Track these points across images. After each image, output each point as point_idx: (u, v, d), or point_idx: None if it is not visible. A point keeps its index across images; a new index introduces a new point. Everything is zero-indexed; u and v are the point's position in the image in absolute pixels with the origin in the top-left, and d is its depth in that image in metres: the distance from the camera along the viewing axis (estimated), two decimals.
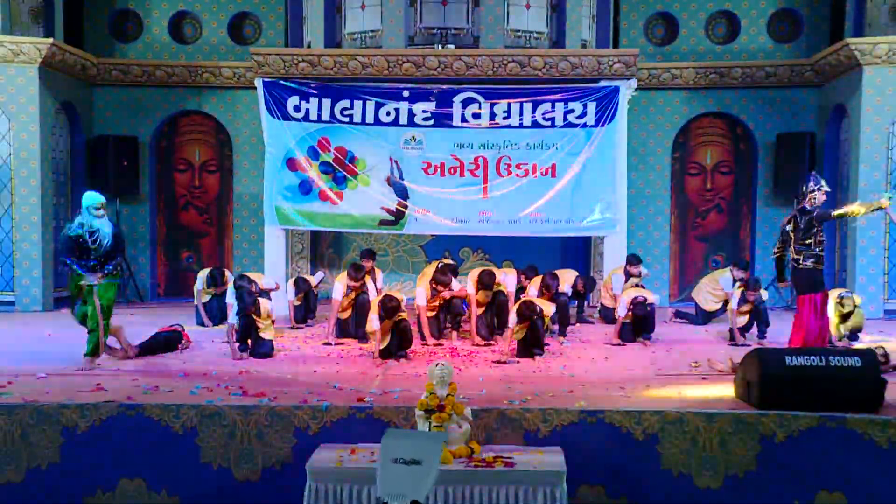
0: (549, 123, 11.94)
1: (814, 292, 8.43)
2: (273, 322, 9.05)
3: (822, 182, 8.56)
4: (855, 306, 9.61)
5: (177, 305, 13.22)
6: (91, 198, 8.11)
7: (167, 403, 6.43)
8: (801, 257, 8.41)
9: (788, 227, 8.55)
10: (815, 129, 13.55)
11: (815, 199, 8.46)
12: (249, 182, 14.02)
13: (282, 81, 12.02)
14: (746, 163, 14.11)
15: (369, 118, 11.97)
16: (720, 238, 14.24)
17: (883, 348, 8.41)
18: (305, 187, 12.05)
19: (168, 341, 9.13)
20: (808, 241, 8.35)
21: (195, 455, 6.32)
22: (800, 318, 8.46)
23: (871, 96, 12.17)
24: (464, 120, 11.98)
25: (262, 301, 8.97)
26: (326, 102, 11.98)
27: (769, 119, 13.76)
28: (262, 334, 8.83)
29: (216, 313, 10.87)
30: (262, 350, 8.77)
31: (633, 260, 11.41)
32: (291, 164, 12.04)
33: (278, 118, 12.00)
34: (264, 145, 12.17)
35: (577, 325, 11.25)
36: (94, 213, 8.01)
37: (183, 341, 9.28)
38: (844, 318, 9.63)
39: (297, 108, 12.01)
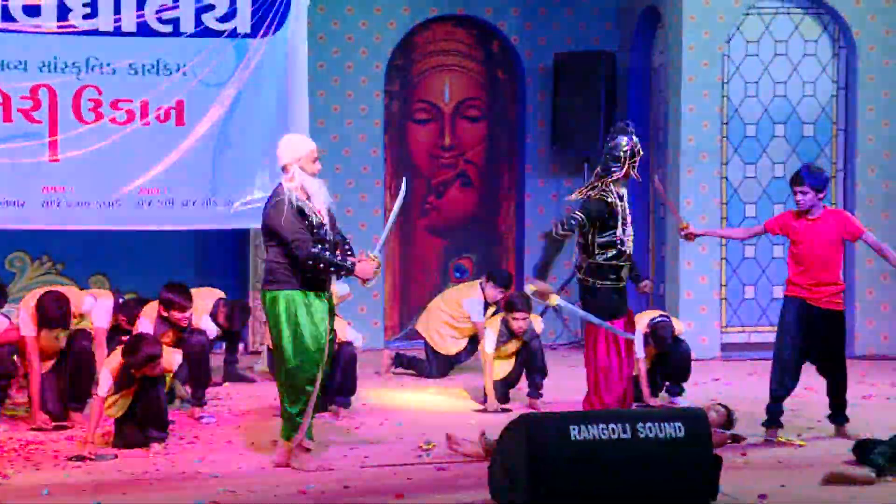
0: (169, 29, 11.98)
1: (615, 317, 9.05)
2: None
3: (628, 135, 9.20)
4: (673, 337, 10.38)
5: None
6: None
7: None
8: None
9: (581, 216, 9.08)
10: (616, 46, 14.45)
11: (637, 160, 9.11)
12: None
13: None
14: (508, 102, 14.81)
15: None
16: (467, 230, 14.82)
17: (724, 407, 9.11)
18: None
19: None
20: (607, 242, 8.95)
21: None
22: (594, 361, 9.05)
23: None
24: (8, 17, 11.69)
25: None
26: None
27: (543, 30, 14.47)
28: None
29: None
30: None
31: None
32: None
33: None
34: None
35: (227, 384, 11.38)
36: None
37: None
38: (661, 357, 10.41)
39: None
